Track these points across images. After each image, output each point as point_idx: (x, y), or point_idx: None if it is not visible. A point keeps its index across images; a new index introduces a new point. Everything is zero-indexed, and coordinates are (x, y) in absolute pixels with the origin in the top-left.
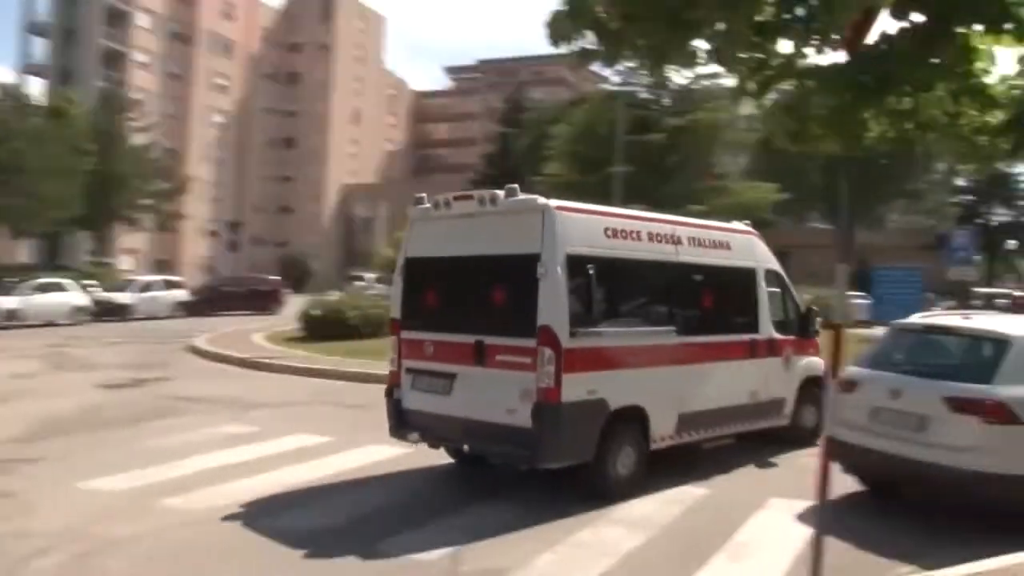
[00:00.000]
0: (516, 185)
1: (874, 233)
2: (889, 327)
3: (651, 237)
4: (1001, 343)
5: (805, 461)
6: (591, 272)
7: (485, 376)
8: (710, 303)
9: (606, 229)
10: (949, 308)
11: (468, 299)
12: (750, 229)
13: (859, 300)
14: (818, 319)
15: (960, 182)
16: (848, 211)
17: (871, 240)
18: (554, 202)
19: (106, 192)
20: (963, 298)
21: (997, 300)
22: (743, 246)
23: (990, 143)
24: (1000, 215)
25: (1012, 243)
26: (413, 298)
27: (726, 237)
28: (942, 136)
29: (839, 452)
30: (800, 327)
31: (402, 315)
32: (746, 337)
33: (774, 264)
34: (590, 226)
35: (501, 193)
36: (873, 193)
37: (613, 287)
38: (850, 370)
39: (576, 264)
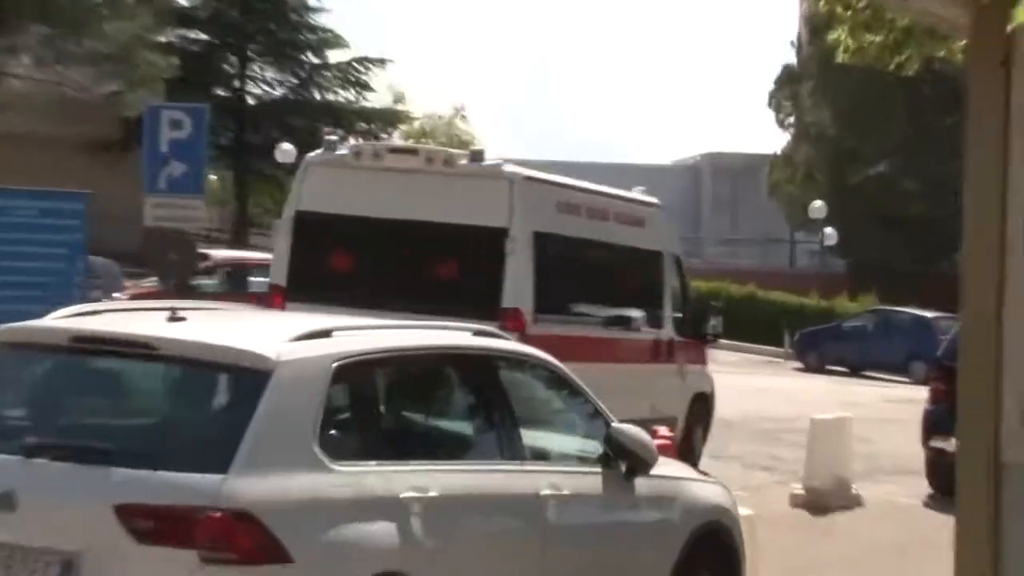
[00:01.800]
0: (482, 148)
1: None
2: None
3: (589, 212)
4: (251, 378)
5: None
6: (550, 252)
7: None
8: (628, 293)
9: (558, 203)
10: (138, 294)
11: (398, 270)
12: (656, 201)
13: None
14: (718, 318)
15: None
16: None
17: None
18: (521, 171)
19: None
20: (173, 270)
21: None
22: (653, 223)
23: None
24: (265, 83)
25: (289, 148)
26: (308, 262)
27: (640, 212)
28: None
29: None
30: (693, 327)
31: (289, 281)
32: (651, 336)
33: (677, 247)
34: (548, 198)
35: (460, 154)
36: None
37: (566, 270)
38: None
39: (539, 242)
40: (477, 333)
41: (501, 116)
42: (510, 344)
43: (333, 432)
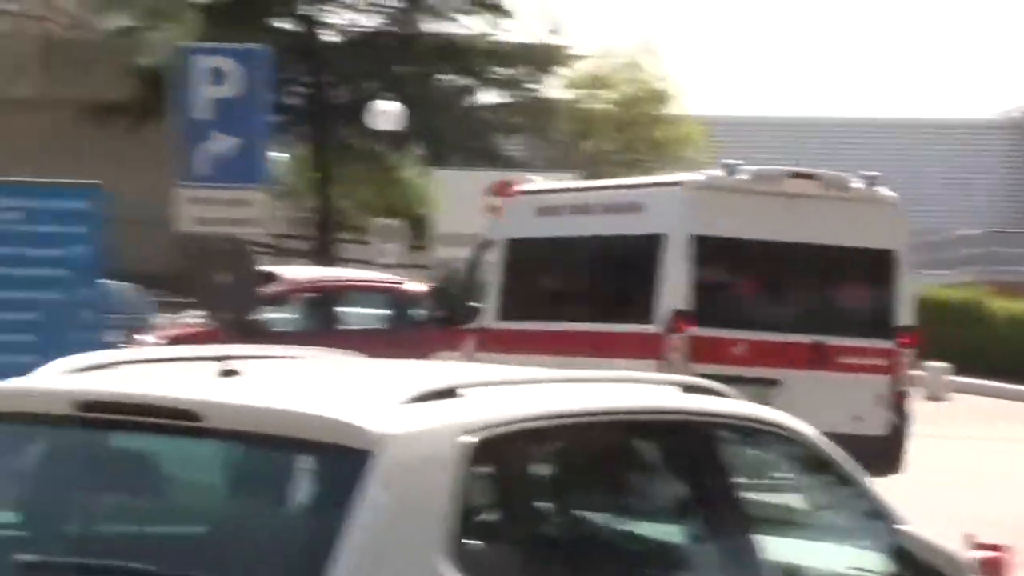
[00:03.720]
0: (877, 174)
1: None
2: None
3: None
4: (343, 461)
5: None
6: None
7: (823, 381)
8: None
9: None
10: (176, 336)
11: (796, 293)
12: None
13: None
14: None
15: None
16: None
17: None
18: (894, 194)
19: None
20: (224, 299)
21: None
22: None
23: None
24: (350, 10)
25: (390, 108)
26: (711, 286)
27: None
28: None
29: None
30: None
31: (696, 306)
32: None
33: None
34: None
35: (854, 179)
36: None
37: None
38: None
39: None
40: (689, 389)
41: (703, 56)
42: (742, 406)
43: (470, 542)
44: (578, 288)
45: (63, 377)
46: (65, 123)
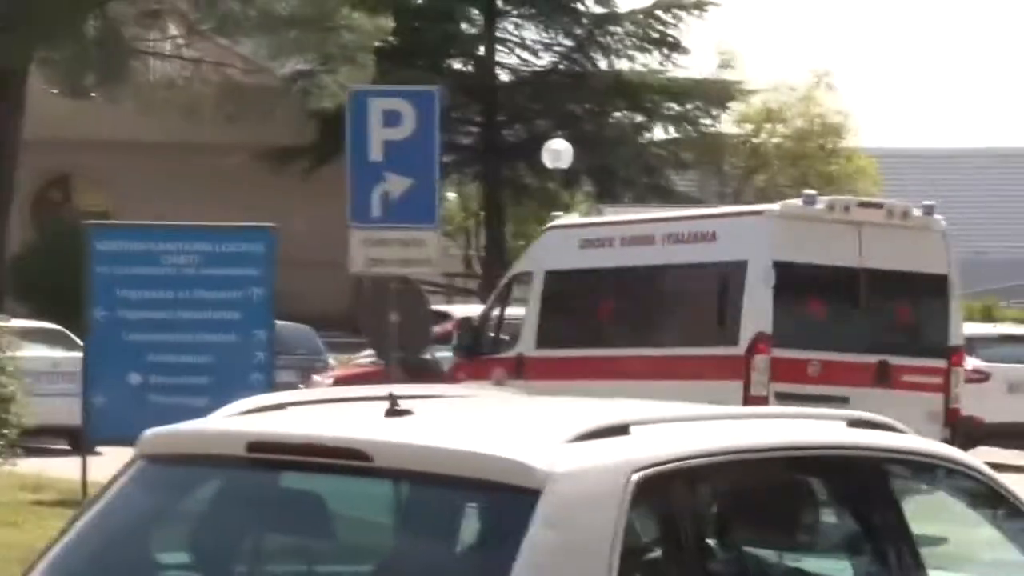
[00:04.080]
0: (933, 203)
1: None
2: (141, 467)
3: None
4: (510, 500)
5: None
6: None
7: (886, 399)
8: None
9: None
10: (346, 376)
11: (862, 314)
12: None
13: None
14: None
15: None
16: None
17: None
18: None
19: None
20: (396, 339)
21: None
22: None
23: None
24: (523, 49)
25: (562, 147)
26: (790, 309)
27: None
28: None
29: None
30: None
31: (776, 328)
32: None
33: None
34: None
35: (914, 208)
36: None
37: None
38: None
39: None
40: (854, 424)
41: (877, 88)
42: (911, 440)
43: None
44: (637, 315)
45: (236, 419)
46: (242, 167)
